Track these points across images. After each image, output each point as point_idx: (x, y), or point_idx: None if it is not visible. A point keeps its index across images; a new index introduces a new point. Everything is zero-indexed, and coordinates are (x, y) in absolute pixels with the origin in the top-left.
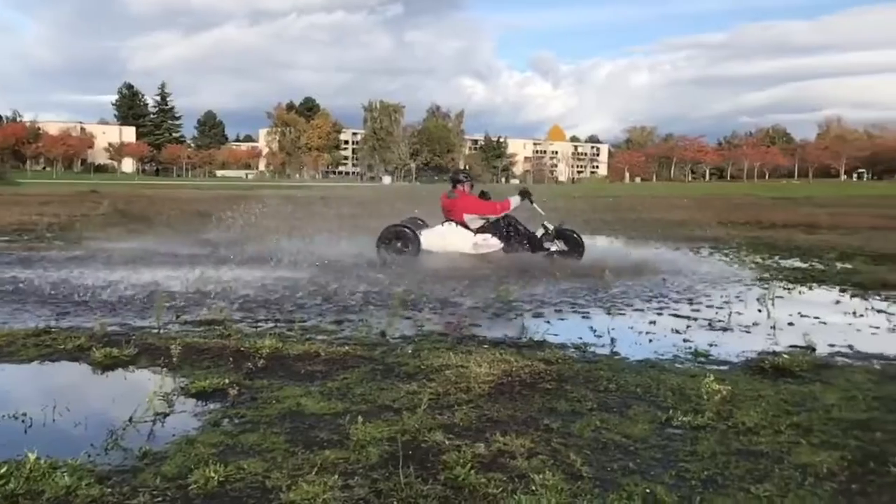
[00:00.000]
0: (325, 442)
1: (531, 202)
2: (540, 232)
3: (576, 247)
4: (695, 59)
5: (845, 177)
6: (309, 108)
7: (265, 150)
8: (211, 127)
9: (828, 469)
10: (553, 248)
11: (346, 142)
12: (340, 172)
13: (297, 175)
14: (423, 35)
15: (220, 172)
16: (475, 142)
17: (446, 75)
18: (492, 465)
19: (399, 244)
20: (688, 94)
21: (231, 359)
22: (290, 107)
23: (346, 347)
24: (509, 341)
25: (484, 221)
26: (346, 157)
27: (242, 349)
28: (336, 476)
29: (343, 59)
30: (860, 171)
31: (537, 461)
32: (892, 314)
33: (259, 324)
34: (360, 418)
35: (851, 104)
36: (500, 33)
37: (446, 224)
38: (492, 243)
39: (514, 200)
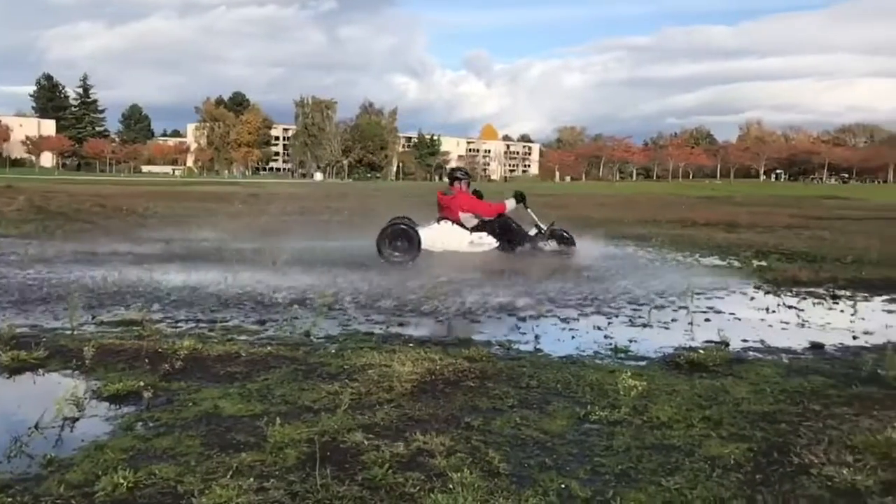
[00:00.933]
0: (242, 444)
1: (525, 206)
2: (533, 231)
3: (567, 246)
4: (624, 60)
5: (764, 177)
6: (239, 103)
7: (193, 146)
8: (136, 121)
9: (735, 460)
10: (546, 248)
11: (277, 138)
12: (271, 169)
13: (227, 171)
14: (357, 31)
15: (145, 168)
16: (409, 139)
17: (380, 72)
18: (410, 465)
19: (400, 243)
20: (617, 95)
21: (147, 360)
22: (220, 101)
23: (269, 348)
24: (435, 339)
25: (479, 220)
26: (276, 154)
27: (160, 350)
28: (251, 479)
29: (275, 54)
30: (778, 171)
31: (456, 459)
32: (802, 310)
33: (179, 324)
34: (278, 420)
35: (771, 107)
36: (434, 31)
37: (442, 222)
38: (487, 241)
39: (510, 203)
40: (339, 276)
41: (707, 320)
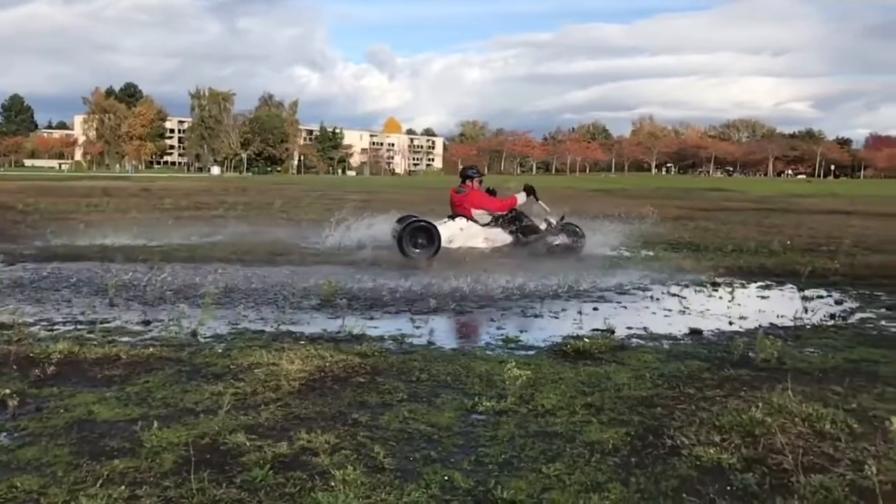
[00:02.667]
0: (116, 451)
1: (536, 199)
2: (543, 226)
3: (578, 240)
4: (524, 57)
5: (656, 170)
6: (131, 95)
7: (81, 139)
8: (18, 112)
9: (613, 445)
10: (557, 242)
11: (172, 131)
12: (166, 163)
13: (118, 166)
14: (256, 21)
15: (28, 162)
16: (310, 132)
17: (280, 64)
18: (293, 464)
19: (420, 240)
20: (517, 91)
21: (16, 366)
22: (110, 92)
23: (151, 349)
24: (327, 336)
25: (492, 216)
26: (171, 147)
27: (31, 355)
28: (123, 487)
29: (170, 44)
30: (668, 165)
31: (340, 456)
32: (684, 297)
33: (56, 326)
34: (155, 424)
35: (661, 104)
36: (335, 23)
37: (457, 219)
38: (501, 238)
39: (521, 197)
40: (231, 273)
41: (595, 309)
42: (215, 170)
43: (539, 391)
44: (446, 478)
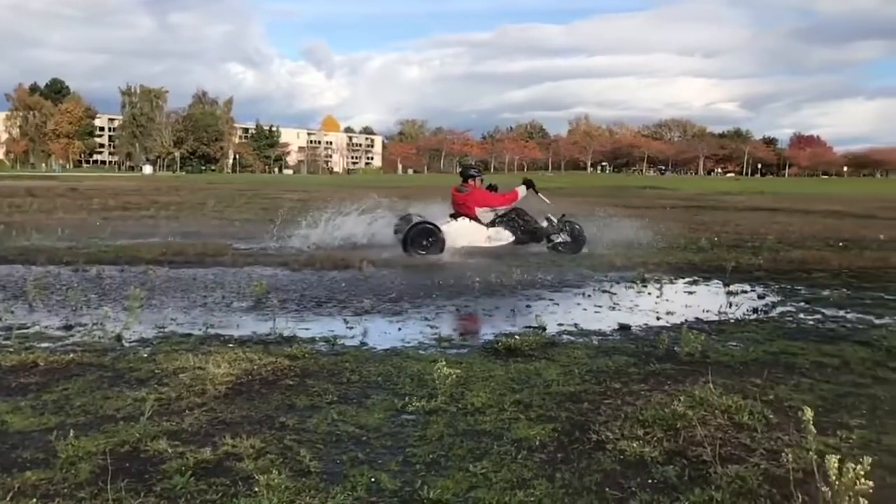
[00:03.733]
0: (28, 462)
1: (536, 192)
2: (545, 224)
3: (579, 237)
4: (462, 56)
5: (591, 169)
6: (57, 91)
7: (4, 137)
8: None
9: (540, 441)
10: (559, 240)
11: (102, 128)
12: (95, 162)
13: (44, 164)
14: (189, 17)
15: None
16: (246, 130)
17: (214, 60)
18: (216, 470)
19: (425, 241)
20: (456, 90)
21: None
22: (34, 88)
23: (72, 355)
24: (257, 338)
25: (494, 215)
26: (101, 146)
27: None
28: (34, 499)
29: (99, 39)
30: (603, 163)
31: (265, 461)
32: (615, 294)
33: None
34: (72, 432)
35: (597, 103)
36: (271, 20)
37: (460, 219)
38: (504, 236)
39: (521, 190)
40: (159, 275)
41: (528, 307)
42: (147, 169)
43: (469, 389)
44: (373, 479)
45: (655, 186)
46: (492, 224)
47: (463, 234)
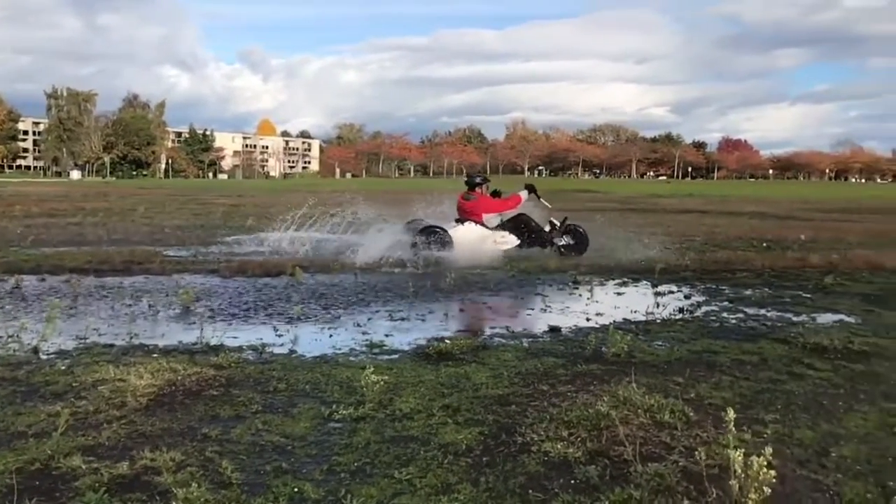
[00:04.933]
0: None
1: (538, 196)
2: (548, 228)
3: (581, 241)
4: (400, 59)
5: (528, 173)
6: None
7: None
8: None
9: (466, 445)
10: (562, 243)
11: (26, 132)
12: (19, 167)
13: None
14: (119, 18)
15: None
16: (179, 134)
17: (147, 63)
18: (132, 485)
19: (433, 245)
20: (394, 94)
21: None
22: None
23: None
24: (182, 348)
25: (500, 219)
26: (25, 150)
27: None
28: None
29: (23, 39)
30: (540, 167)
31: (185, 474)
32: (547, 296)
33: None
34: None
35: (533, 108)
36: (206, 22)
37: (467, 224)
38: (509, 240)
39: (524, 195)
40: (83, 284)
41: (461, 310)
42: (75, 174)
43: (399, 395)
44: (296, 489)
45: (590, 190)
46: (497, 229)
47: (469, 237)
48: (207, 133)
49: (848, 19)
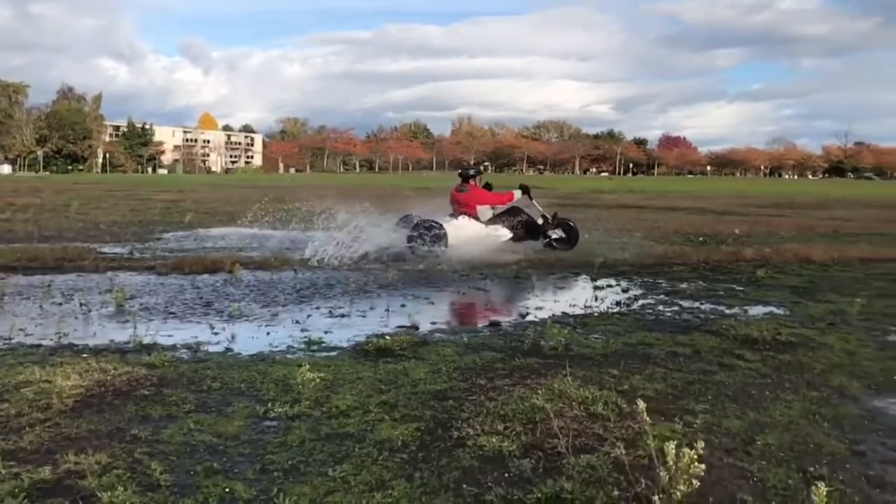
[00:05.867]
0: None
1: (530, 197)
2: (541, 221)
3: (572, 234)
4: (344, 54)
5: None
6: None
7: None
8: None
9: (402, 441)
10: (554, 236)
11: None
12: None
13: None
14: (53, 8)
15: None
16: (117, 128)
17: (82, 54)
18: (55, 490)
19: (429, 238)
20: (339, 88)
21: None
22: None
23: None
24: (114, 347)
25: (493, 213)
26: None
27: None
28: None
29: None
30: (486, 164)
31: (111, 477)
32: (488, 291)
33: None
34: None
35: (479, 104)
36: (144, 13)
37: (461, 218)
38: (502, 233)
39: (517, 193)
40: (10, 283)
41: (403, 306)
42: (6, 168)
43: (335, 392)
44: (227, 489)
45: (534, 186)
46: (491, 222)
47: (463, 231)
48: (147, 127)
49: (781, 21)
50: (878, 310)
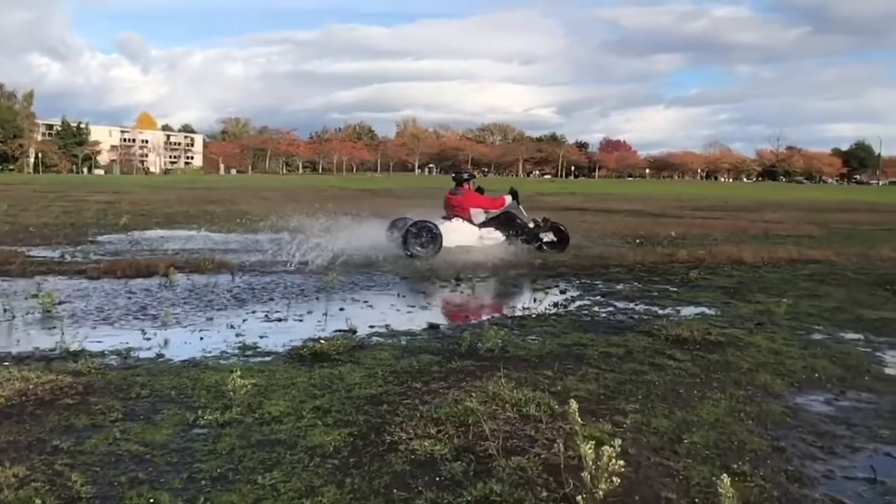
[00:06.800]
0: None
1: (518, 203)
2: (532, 224)
3: (563, 237)
4: (288, 54)
5: (419, 171)
6: None
7: None
8: None
9: (334, 447)
10: (546, 239)
11: None
12: None
13: None
14: None
15: None
16: (50, 127)
17: (11, 50)
18: None
19: (423, 239)
20: (282, 88)
21: None
22: None
23: None
24: (39, 355)
25: (486, 216)
26: None
27: None
28: None
29: None
30: (430, 165)
31: (29, 490)
32: (429, 293)
33: None
34: None
35: (424, 106)
36: (78, 8)
37: (454, 220)
38: (495, 236)
39: (508, 199)
40: None
41: (341, 310)
42: None
43: (268, 398)
44: (151, 500)
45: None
46: (484, 225)
47: (457, 233)
48: (82, 126)
49: (717, 28)
50: (804, 309)
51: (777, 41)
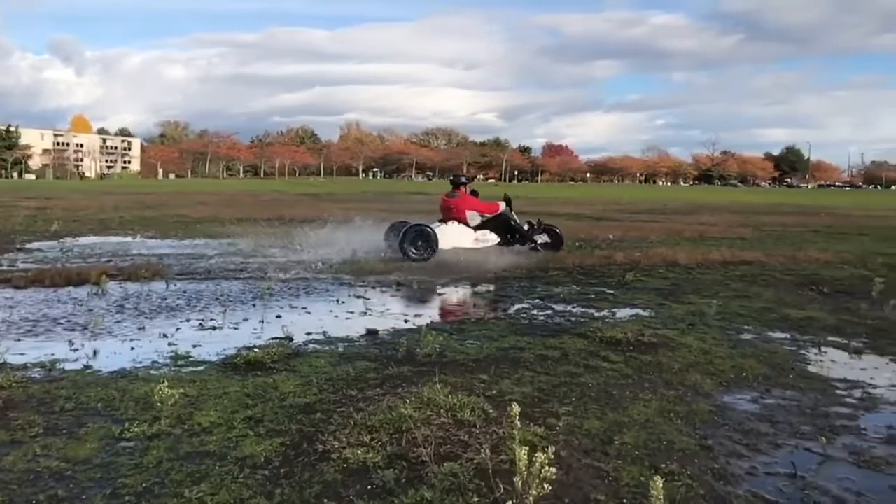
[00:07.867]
0: None
1: (510, 208)
2: (526, 227)
3: (557, 239)
4: (228, 56)
5: (363, 174)
6: None
7: None
8: None
9: (265, 457)
10: (540, 241)
11: None
12: None
13: None
14: None
15: None
16: None
17: None
18: None
19: (420, 242)
20: (223, 91)
21: None
22: None
23: None
24: None
25: (482, 219)
26: None
27: None
28: None
29: None
30: (375, 169)
31: None
32: (369, 299)
33: None
34: None
35: (368, 110)
36: (8, 7)
37: (450, 223)
38: (490, 238)
39: (502, 205)
40: None
41: (278, 317)
42: None
43: (199, 409)
44: None
45: (423, 192)
46: (479, 227)
47: (453, 235)
48: (12, 129)
49: (654, 35)
50: (734, 310)
51: (712, 48)
